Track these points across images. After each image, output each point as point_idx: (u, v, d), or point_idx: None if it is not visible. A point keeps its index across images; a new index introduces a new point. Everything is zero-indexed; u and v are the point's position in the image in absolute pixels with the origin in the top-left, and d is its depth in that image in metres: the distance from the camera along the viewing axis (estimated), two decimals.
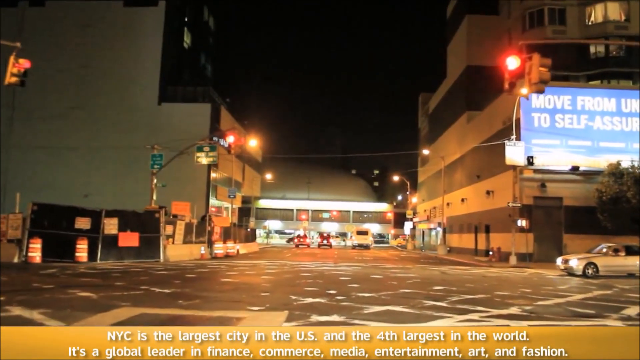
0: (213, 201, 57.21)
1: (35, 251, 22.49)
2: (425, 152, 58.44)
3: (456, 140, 55.26)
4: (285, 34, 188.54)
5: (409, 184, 76.82)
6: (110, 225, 25.42)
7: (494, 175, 41.27)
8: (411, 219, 76.54)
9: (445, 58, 64.33)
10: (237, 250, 38.55)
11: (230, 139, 28.91)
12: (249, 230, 50.38)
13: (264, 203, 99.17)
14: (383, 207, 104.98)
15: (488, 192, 42.27)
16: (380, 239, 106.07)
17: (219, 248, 33.01)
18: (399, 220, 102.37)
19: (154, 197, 29.82)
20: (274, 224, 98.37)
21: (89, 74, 53.33)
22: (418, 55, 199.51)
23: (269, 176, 70.65)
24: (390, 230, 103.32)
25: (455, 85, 56.98)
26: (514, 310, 11.29)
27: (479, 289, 16.11)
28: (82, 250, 23.80)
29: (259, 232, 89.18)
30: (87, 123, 52.94)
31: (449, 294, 13.67)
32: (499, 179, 40.15)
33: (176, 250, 28.18)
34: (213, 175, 55.73)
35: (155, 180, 30.33)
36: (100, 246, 24.79)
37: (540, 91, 15.91)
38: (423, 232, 73.72)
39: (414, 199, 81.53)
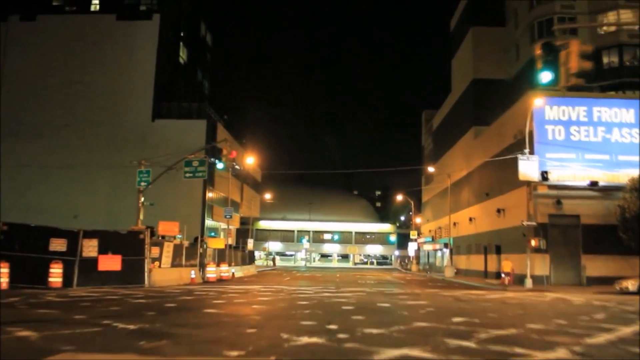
0: (209, 222, 54.86)
1: (2, 276, 20.10)
2: (431, 169, 56.21)
3: (462, 157, 53.06)
4: (286, 50, 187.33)
5: (412, 204, 74.48)
6: (90, 247, 23.12)
7: (505, 193, 38.98)
8: (415, 240, 74.04)
9: (449, 72, 62.50)
10: (232, 274, 36.16)
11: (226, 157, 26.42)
12: (246, 252, 47.89)
13: (264, 224, 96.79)
14: (386, 227, 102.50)
15: (499, 211, 39.91)
16: (383, 260, 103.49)
17: (212, 272, 30.62)
18: (403, 241, 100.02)
19: (141, 217, 27.51)
20: (274, 246, 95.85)
21: (80, 89, 51.38)
22: (421, 71, 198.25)
23: (268, 196, 68.24)
24: (394, 252, 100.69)
25: (460, 100, 54.95)
26: (562, 353, 8.92)
27: (506, 320, 13.73)
28: (55, 275, 21.47)
29: (259, 254, 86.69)
30: (78, 140, 50.83)
31: (473, 329, 11.29)
32: (510, 197, 37.86)
33: (163, 274, 25.81)
34: (209, 195, 53.44)
35: (142, 199, 28.01)
36: (76, 270, 22.46)
37: (579, 84, 13.58)
38: (428, 253, 71.20)
39: (417, 220, 79.02)
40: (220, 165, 25.30)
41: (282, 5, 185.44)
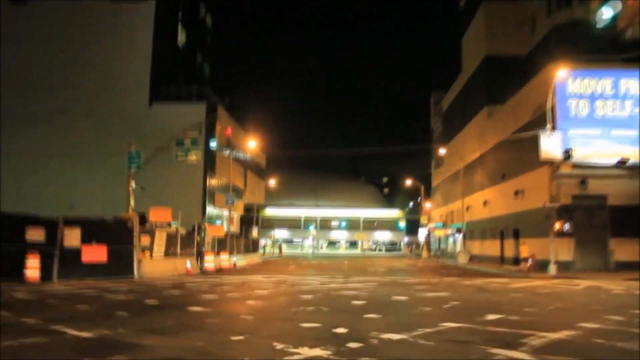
0: (212, 210, 52.68)
1: None
2: (442, 151, 53.68)
3: (475, 139, 50.54)
4: (288, 31, 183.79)
5: (422, 188, 72.04)
6: (71, 237, 20.92)
7: (524, 173, 36.56)
8: (425, 225, 71.75)
9: (459, 51, 59.73)
10: (234, 264, 33.99)
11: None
12: (249, 240, 45.75)
13: (270, 212, 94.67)
14: (394, 213, 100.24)
15: (516, 193, 37.49)
16: (392, 246, 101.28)
17: (210, 262, 28.41)
18: (411, 227, 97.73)
19: (132, 203, 25.26)
20: (281, 233, 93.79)
21: (74, 74, 49.02)
22: (428, 52, 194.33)
23: (272, 182, 65.86)
24: (403, 238, 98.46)
25: (472, 79, 52.31)
26: None
27: (550, 317, 11.44)
28: (32, 267, 19.31)
29: (266, 242, 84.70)
30: (73, 127, 48.59)
31: (517, 331, 8.99)
32: (529, 177, 35.43)
33: (155, 265, 23.63)
34: (211, 181, 51.17)
35: (133, 184, 25.75)
36: (56, 262, 20.27)
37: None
38: (439, 239, 68.81)
39: (427, 205, 76.56)
40: (213, 144, 22.81)
41: None
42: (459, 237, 57.08)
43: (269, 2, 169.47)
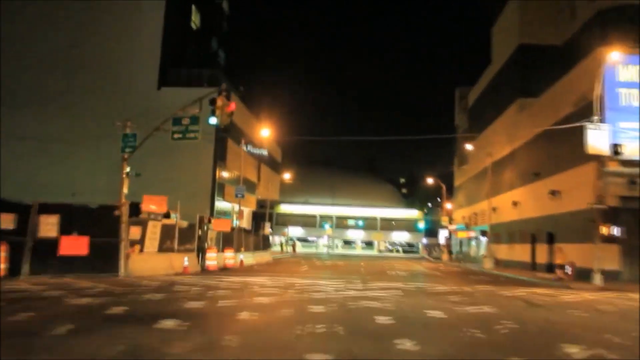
0: (222, 204, 49.78)
1: None
2: (469, 146, 50.18)
3: (504, 134, 47.07)
4: (308, 24, 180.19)
5: (444, 188, 68.57)
6: (48, 226, 18.04)
7: (562, 172, 33.17)
8: (446, 227, 68.27)
9: (486, 43, 56.26)
10: (241, 262, 31.02)
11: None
12: (260, 236, 42.77)
13: (284, 208, 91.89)
14: (413, 214, 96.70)
15: (553, 193, 34.08)
16: (409, 248, 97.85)
17: (212, 259, 25.43)
18: (430, 229, 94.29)
19: (125, 190, 22.30)
20: (295, 231, 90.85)
21: (79, 55, 46.18)
22: (453, 46, 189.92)
23: (287, 176, 62.61)
24: (422, 240, 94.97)
25: (503, 70, 48.80)
26: None
27: None
28: None
29: (280, 240, 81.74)
30: (77, 111, 45.79)
31: None
32: (569, 176, 32.05)
33: (146, 261, 20.69)
34: (224, 174, 48.23)
35: (127, 169, 22.82)
36: (28, 255, 17.40)
37: None
38: (460, 241, 65.34)
39: (448, 205, 73.04)
40: (213, 121, 19.78)
41: None
42: (483, 240, 53.73)
43: None
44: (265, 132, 39.55)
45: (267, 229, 54.80)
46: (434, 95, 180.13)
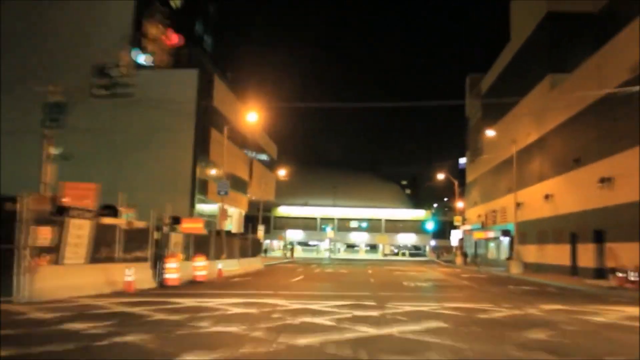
0: (207, 206, 43.48)
1: None
2: (490, 132, 43.49)
3: (530, 118, 40.81)
4: (309, 15, 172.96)
5: (456, 184, 62.19)
6: None
7: (613, 154, 26.96)
8: (458, 227, 61.89)
9: (504, 20, 49.96)
10: (219, 272, 24.75)
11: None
12: (248, 240, 36.47)
13: (283, 211, 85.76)
14: (420, 214, 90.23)
15: (602, 181, 27.80)
16: (416, 251, 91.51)
17: (173, 270, 19.03)
18: (438, 230, 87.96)
19: (47, 180, 16.07)
20: (294, 235, 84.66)
21: (39, 31, 39.96)
22: (463, 31, 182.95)
23: (282, 172, 55.97)
24: (429, 242, 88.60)
25: (527, 46, 42.44)
26: None
27: None
28: None
29: (279, 244, 75.42)
30: (38, 96, 39.50)
31: None
32: (623, 160, 25.83)
33: (65, 277, 14.39)
34: (211, 172, 41.92)
35: (52, 150, 16.60)
36: None
37: None
38: (475, 243, 58.92)
39: (459, 204, 66.66)
40: (142, 59, 12.78)
41: None
42: (505, 240, 47.41)
43: None
44: (252, 116, 33.20)
45: (260, 233, 48.63)
46: (440, 86, 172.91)
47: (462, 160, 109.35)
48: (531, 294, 19.66)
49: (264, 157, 62.04)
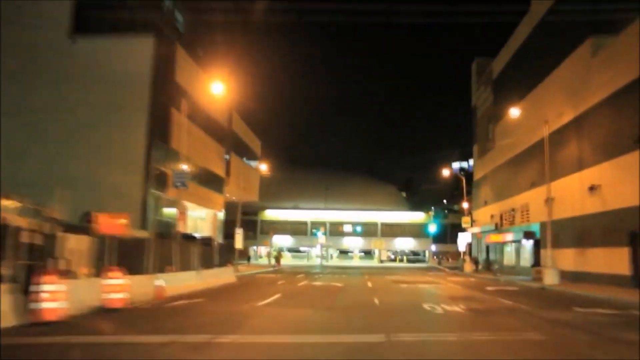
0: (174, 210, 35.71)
1: None
2: (514, 111, 35.40)
3: (562, 95, 33.57)
4: None
5: (463, 180, 54.84)
6: None
7: None
8: (466, 230, 54.49)
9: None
10: (158, 290, 17.22)
11: None
12: (214, 247, 28.87)
13: (270, 214, 78.47)
14: (419, 217, 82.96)
15: None
16: (415, 256, 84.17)
17: (53, 296, 11.40)
18: (440, 233, 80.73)
19: None
20: (283, 240, 77.23)
21: None
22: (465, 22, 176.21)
23: (263, 167, 47.84)
24: (430, 246, 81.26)
25: (556, 7, 35.02)
26: None
27: None
28: None
29: (267, 251, 67.88)
30: None
31: None
32: None
33: None
34: (164, 160, 34.28)
35: None
36: None
37: None
38: (488, 247, 51.47)
39: (464, 205, 59.40)
40: None
41: None
42: (527, 244, 40.07)
43: None
44: (218, 88, 25.62)
45: (239, 237, 41.15)
46: (440, 78, 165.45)
47: (457, 165, 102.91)
48: (608, 325, 12.30)
49: (246, 153, 54.51)
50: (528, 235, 38.40)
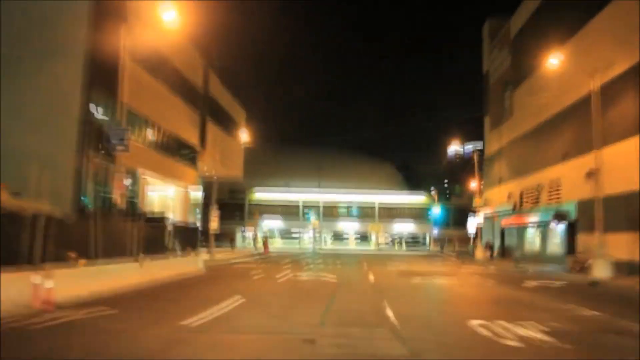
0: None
1: None
2: (553, 60, 28.60)
3: (608, 44, 27.00)
4: None
5: (475, 155, 48.24)
6: None
7: None
8: (476, 212, 47.87)
9: None
10: (40, 293, 10.64)
11: None
12: (168, 229, 22.24)
13: (260, 195, 71.99)
14: (420, 199, 76.55)
15: None
16: (414, 241, 77.62)
17: None
18: (443, 216, 74.61)
19: None
20: (273, 223, 70.83)
21: None
22: None
23: (245, 137, 40.72)
24: (432, 231, 74.92)
25: None
26: None
27: None
28: None
29: (256, 234, 61.37)
30: None
31: None
32: None
33: None
34: (106, 113, 27.53)
35: None
36: None
37: None
38: (503, 231, 44.86)
39: (472, 184, 52.99)
40: None
41: None
42: (559, 228, 33.51)
43: None
44: (169, 14, 18.86)
45: (214, 220, 34.77)
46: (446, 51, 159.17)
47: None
48: None
49: (227, 123, 47.73)
50: (559, 216, 31.86)
